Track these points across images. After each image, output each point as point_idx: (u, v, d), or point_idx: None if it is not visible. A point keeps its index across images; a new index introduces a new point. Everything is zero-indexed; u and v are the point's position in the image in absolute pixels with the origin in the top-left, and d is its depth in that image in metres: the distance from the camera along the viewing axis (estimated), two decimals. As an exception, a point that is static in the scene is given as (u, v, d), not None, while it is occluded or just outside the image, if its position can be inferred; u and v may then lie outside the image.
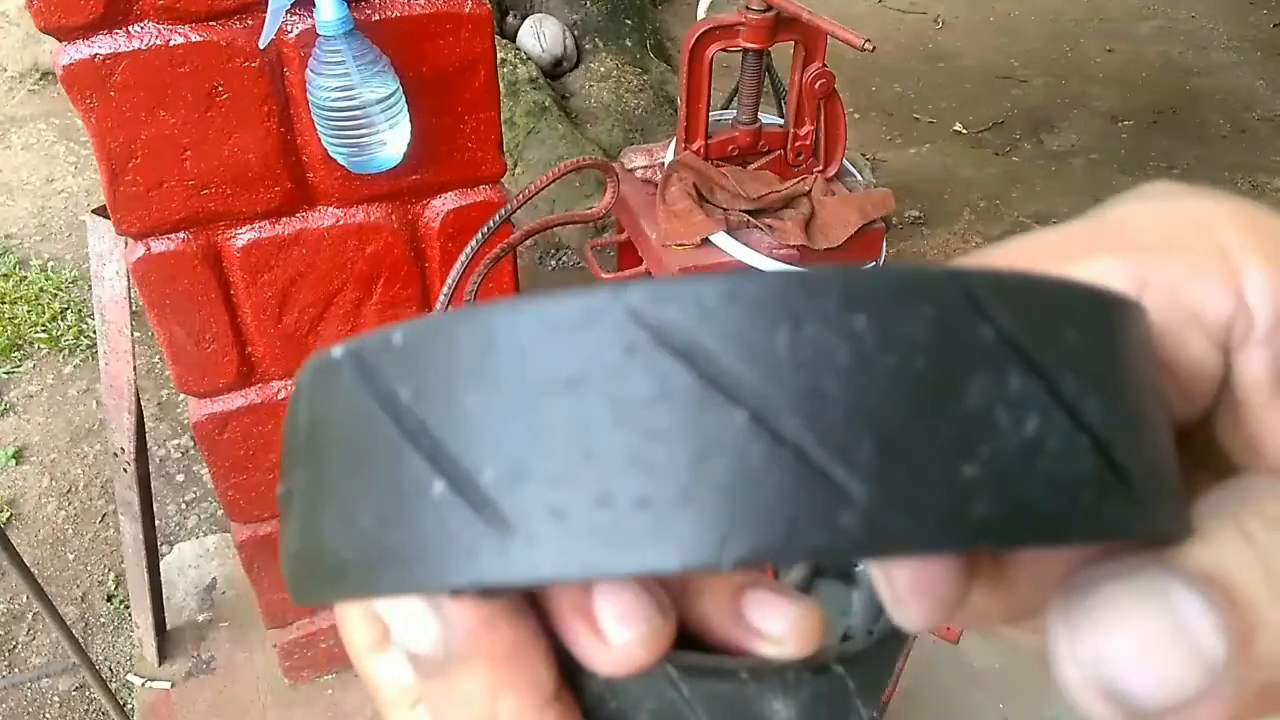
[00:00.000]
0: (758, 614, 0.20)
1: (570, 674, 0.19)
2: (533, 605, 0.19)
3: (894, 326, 0.14)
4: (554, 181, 0.80)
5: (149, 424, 2.11)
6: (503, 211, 0.80)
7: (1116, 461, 0.16)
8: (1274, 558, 0.16)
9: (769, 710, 0.20)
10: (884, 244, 1.86)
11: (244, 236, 1.07)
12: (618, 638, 0.18)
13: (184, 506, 2.02)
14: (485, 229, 0.77)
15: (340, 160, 1.01)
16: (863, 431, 0.14)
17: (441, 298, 0.80)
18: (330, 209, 1.10)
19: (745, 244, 1.68)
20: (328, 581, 0.17)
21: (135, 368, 1.26)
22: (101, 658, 1.75)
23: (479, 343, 0.15)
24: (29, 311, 2.47)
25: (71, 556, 1.94)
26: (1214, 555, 0.16)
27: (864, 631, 0.23)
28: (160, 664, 1.52)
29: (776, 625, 0.20)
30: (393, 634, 0.19)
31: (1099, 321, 0.16)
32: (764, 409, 0.14)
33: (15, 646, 1.78)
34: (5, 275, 2.58)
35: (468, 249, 0.77)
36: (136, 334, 1.27)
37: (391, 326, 0.16)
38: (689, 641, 0.20)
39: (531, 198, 0.80)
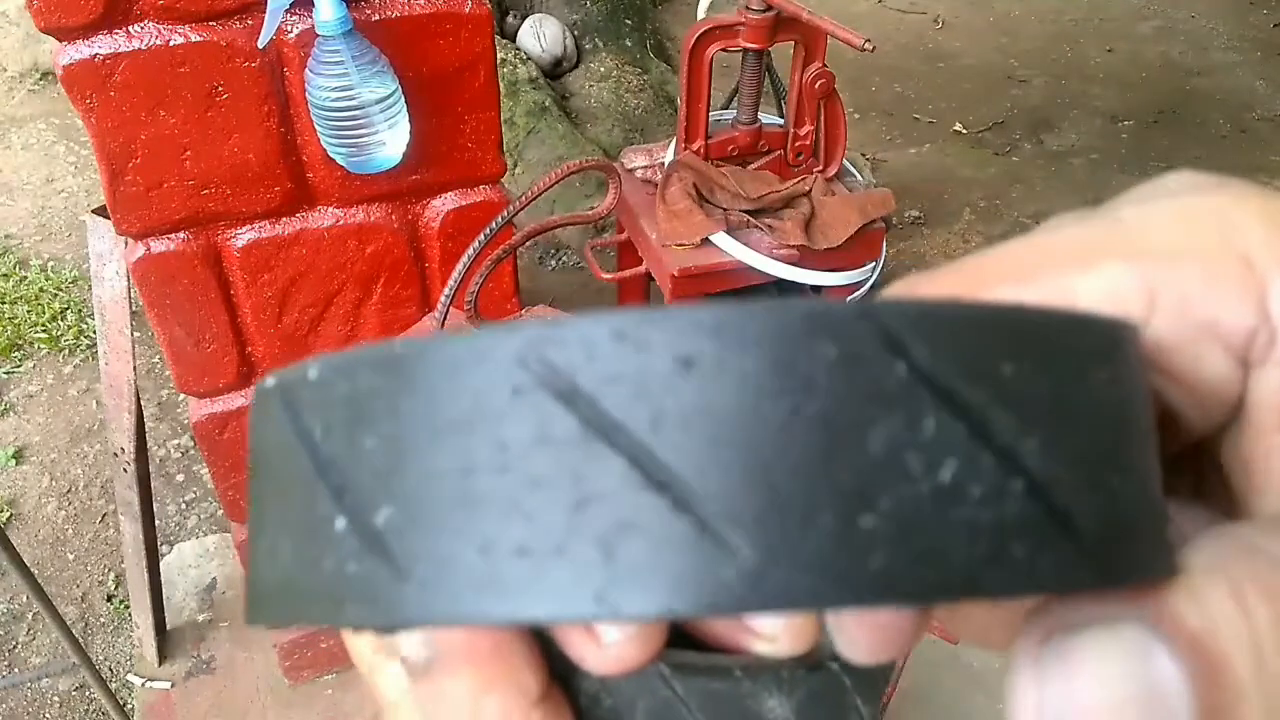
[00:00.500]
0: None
1: (564, 674, 0.19)
2: None
3: (790, 368, 0.13)
4: (557, 183, 0.80)
5: (149, 424, 2.11)
6: (505, 214, 0.80)
7: (1060, 507, 0.14)
8: (1266, 635, 0.15)
9: (764, 708, 0.19)
10: (884, 244, 1.86)
11: (244, 236, 1.07)
12: (610, 637, 0.18)
13: (184, 506, 2.02)
14: (487, 231, 0.77)
15: (339, 160, 1.01)
16: (749, 481, 0.13)
17: (443, 300, 0.80)
18: (330, 209, 1.10)
19: (745, 244, 1.68)
20: (263, 607, 0.17)
21: (135, 368, 1.26)
22: (101, 658, 1.75)
23: (380, 381, 0.15)
24: (29, 311, 2.47)
25: (71, 556, 1.94)
26: (1204, 619, 0.15)
27: None
28: (160, 664, 1.52)
29: (770, 622, 0.19)
30: (382, 643, 0.19)
31: (1052, 351, 0.15)
32: (643, 456, 0.13)
33: (15, 646, 1.78)
34: (5, 275, 2.58)
35: (469, 251, 0.77)
36: (136, 334, 1.27)
37: (311, 359, 0.16)
38: (683, 640, 0.20)
39: (534, 199, 0.80)
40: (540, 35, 3.07)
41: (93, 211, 1.18)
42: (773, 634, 0.19)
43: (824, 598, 0.13)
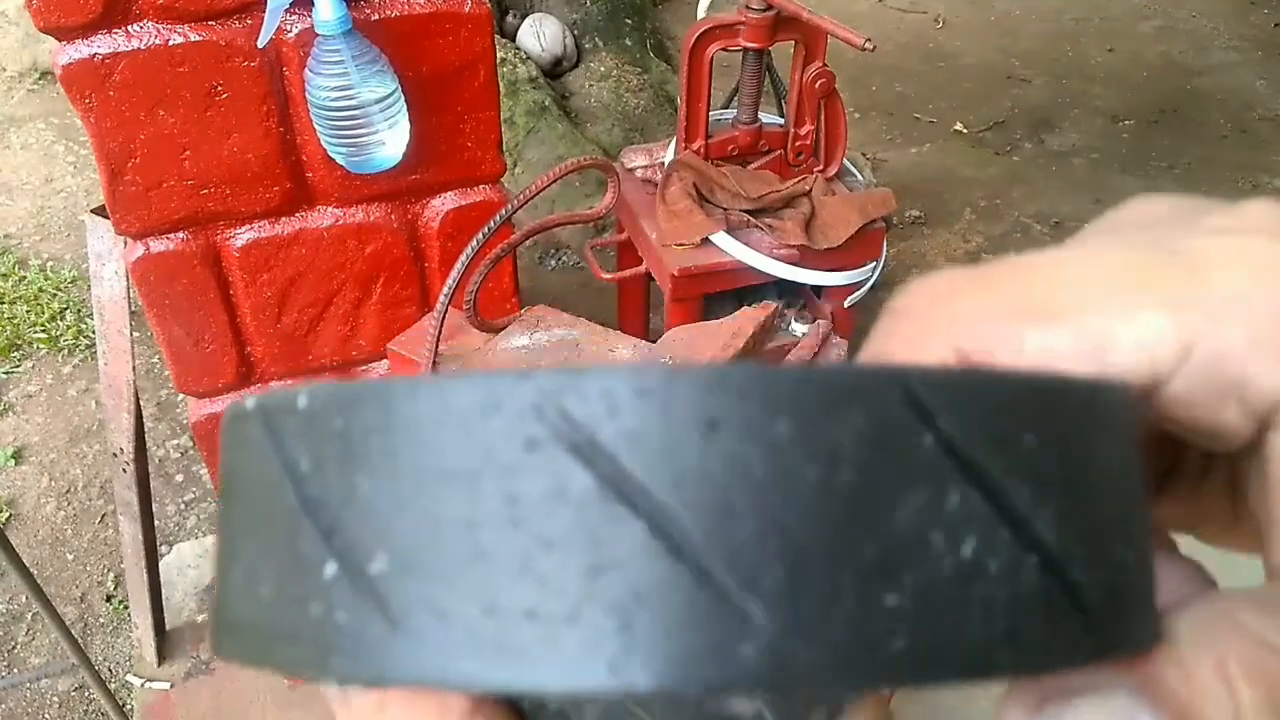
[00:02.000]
0: None
1: None
2: None
3: (819, 435, 0.13)
4: (555, 181, 0.80)
5: (148, 424, 2.11)
6: (503, 212, 0.80)
7: (1071, 581, 0.14)
8: (1249, 716, 0.15)
9: (729, 707, 0.18)
10: (884, 244, 1.86)
11: (243, 236, 1.07)
12: None
13: (183, 507, 2.02)
14: (485, 230, 0.77)
15: (339, 160, 1.01)
16: (773, 553, 0.13)
17: (442, 298, 0.80)
18: (329, 209, 1.09)
19: (745, 244, 1.68)
20: (233, 642, 0.16)
21: (134, 368, 1.26)
22: (101, 658, 1.75)
23: (378, 420, 0.14)
24: (28, 311, 2.46)
25: (71, 557, 1.94)
26: (1192, 692, 0.15)
27: None
28: (159, 664, 1.52)
29: None
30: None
31: (1067, 421, 0.15)
32: (665, 521, 0.13)
33: (14, 647, 1.78)
34: (4, 275, 2.58)
35: (467, 250, 0.77)
36: (136, 334, 1.27)
37: (299, 388, 0.15)
38: None
39: (533, 198, 0.80)
40: (540, 34, 3.07)
41: (92, 211, 1.18)
42: None
43: (844, 679, 0.13)
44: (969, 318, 0.18)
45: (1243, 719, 0.15)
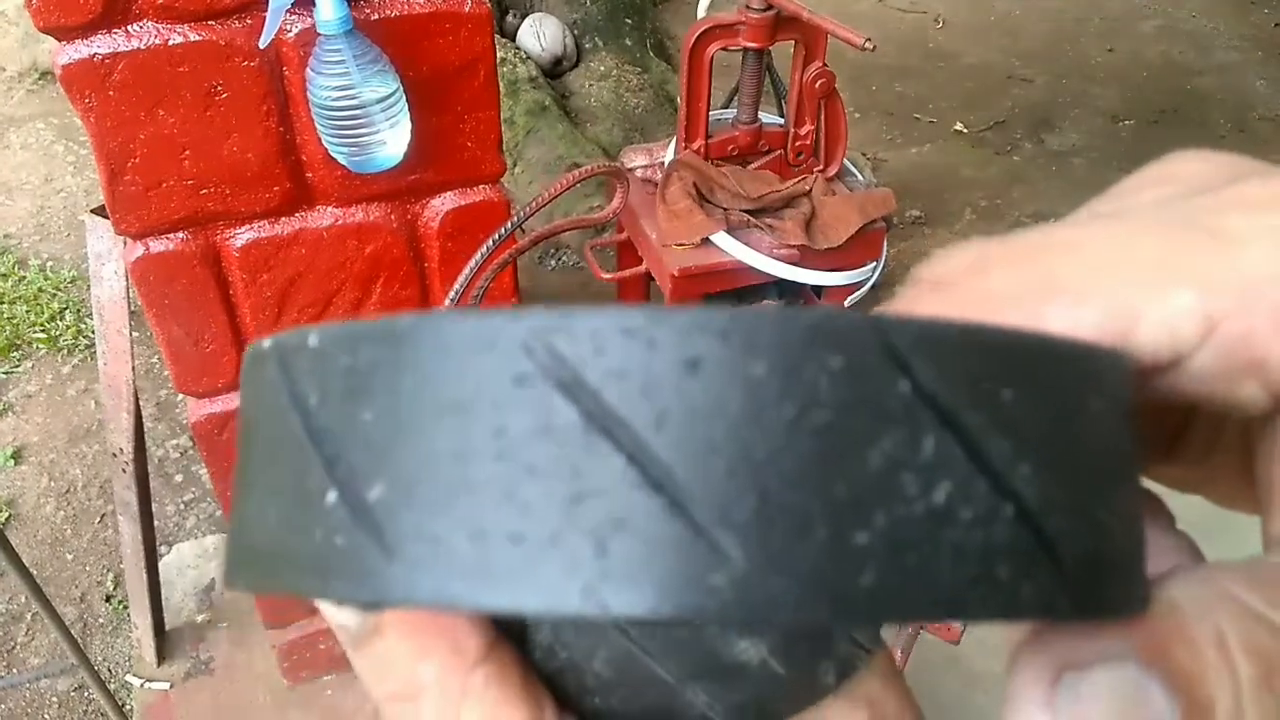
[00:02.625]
0: None
1: (515, 630, 0.19)
2: None
3: (796, 376, 0.13)
4: (567, 190, 0.79)
5: (147, 424, 2.11)
6: (513, 221, 0.80)
7: (1048, 533, 0.14)
8: (1247, 691, 0.15)
9: (735, 650, 0.18)
10: (884, 244, 1.86)
11: (243, 236, 1.07)
12: None
13: (183, 507, 2.02)
14: (495, 237, 0.77)
15: (340, 160, 1.01)
16: (746, 487, 0.13)
17: (447, 305, 0.80)
18: (329, 209, 1.09)
19: (745, 244, 1.68)
20: (244, 569, 0.17)
21: (134, 368, 1.26)
22: (100, 658, 1.75)
23: (382, 354, 0.15)
24: (28, 311, 2.46)
25: (70, 557, 1.93)
26: (1195, 663, 0.16)
27: None
28: (159, 665, 1.52)
29: None
30: (320, 609, 0.19)
31: (1052, 380, 0.15)
32: (643, 455, 0.13)
33: (14, 647, 1.78)
34: (4, 275, 2.58)
35: (475, 258, 0.77)
36: (135, 334, 1.27)
37: (311, 327, 0.16)
38: None
39: (544, 206, 0.80)
40: (540, 34, 3.07)
41: (91, 211, 1.18)
42: None
43: (812, 611, 0.13)
44: (998, 296, 0.18)
45: (1240, 694, 0.15)
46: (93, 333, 1.50)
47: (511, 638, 0.19)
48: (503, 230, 0.78)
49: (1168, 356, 0.17)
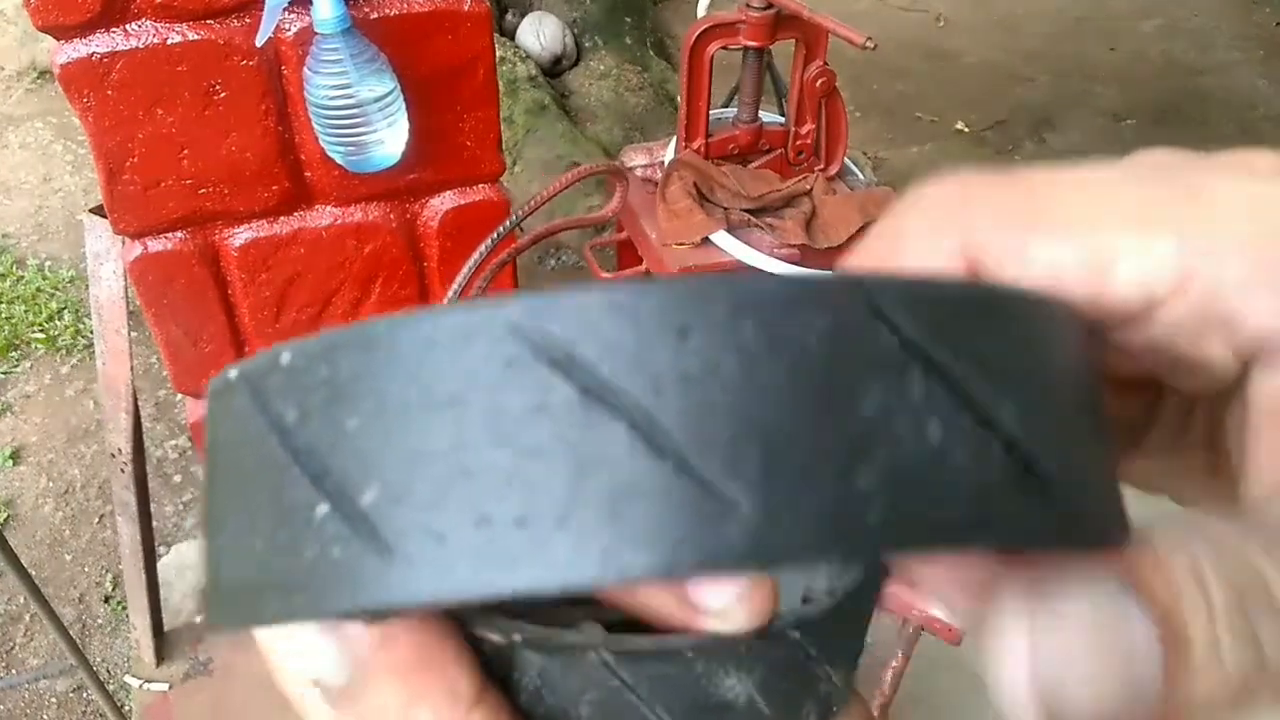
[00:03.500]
0: (699, 588, 0.18)
1: (501, 672, 0.19)
2: (446, 611, 0.18)
3: (784, 335, 0.14)
4: (566, 188, 0.79)
5: (146, 424, 2.11)
6: (511, 219, 0.80)
7: (1037, 465, 0.15)
8: (1221, 617, 0.16)
9: (722, 688, 0.19)
10: (885, 243, 1.85)
11: (241, 236, 1.07)
12: (713, 602, 0.18)
13: (182, 507, 2.01)
14: (493, 236, 0.77)
15: (338, 159, 1.00)
16: (748, 442, 0.14)
17: (446, 304, 0.79)
18: (328, 208, 1.09)
19: (746, 243, 1.67)
20: (228, 607, 0.16)
21: (133, 368, 1.26)
22: (99, 659, 1.74)
23: (361, 361, 0.15)
24: (26, 311, 2.46)
25: (69, 557, 1.93)
26: (1171, 591, 0.16)
27: (824, 593, 0.21)
28: (158, 665, 1.51)
29: (720, 598, 0.18)
30: (294, 668, 0.18)
31: (1021, 327, 0.16)
32: (644, 421, 0.13)
33: (13, 648, 1.77)
34: (2, 275, 2.57)
35: (473, 257, 0.76)
36: (134, 334, 1.26)
37: (280, 345, 0.15)
38: (627, 624, 0.19)
39: (542, 205, 0.79)
40: (540, 33, 3.06)
41: (90, 211, 1.18)
42: (724, 610, 0.18)
43: (824, 550, 0.14)
44: (982, 223, 0.18)
45: (1216, 619, 0.16)
46: (91, 333, 1.49)
47: (496, 682, 0.19)
48: (501, 229, 0.77)
49: (1139, 304, 0.18)
